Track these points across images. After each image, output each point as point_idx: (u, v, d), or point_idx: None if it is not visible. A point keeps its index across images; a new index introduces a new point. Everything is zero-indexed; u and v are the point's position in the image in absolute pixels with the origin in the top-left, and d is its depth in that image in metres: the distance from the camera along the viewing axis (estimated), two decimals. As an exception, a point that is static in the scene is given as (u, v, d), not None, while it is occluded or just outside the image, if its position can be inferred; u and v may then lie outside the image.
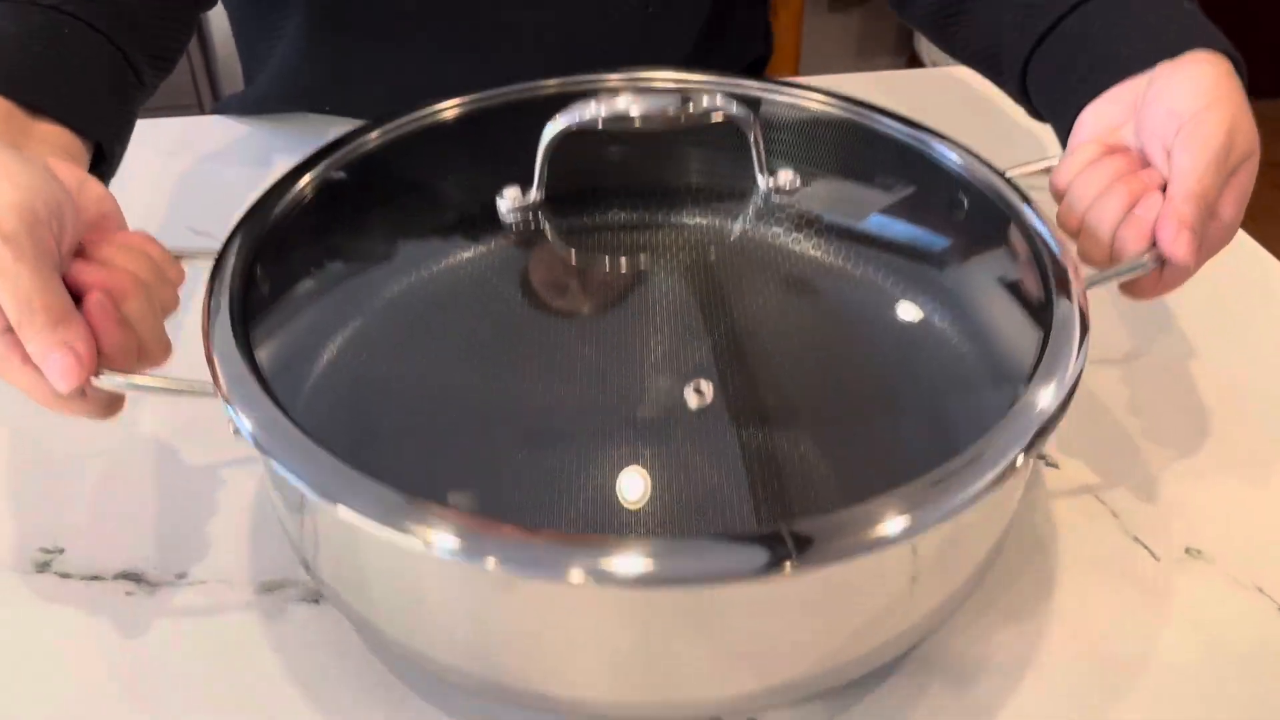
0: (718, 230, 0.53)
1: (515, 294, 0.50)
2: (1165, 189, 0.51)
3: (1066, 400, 0.42)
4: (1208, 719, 0.47)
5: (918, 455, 0.41)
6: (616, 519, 0.41)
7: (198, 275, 0.48)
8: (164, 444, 0.57)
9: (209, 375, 0.43)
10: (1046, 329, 0.45)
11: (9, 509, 0.54)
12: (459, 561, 0.37)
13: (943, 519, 0.38)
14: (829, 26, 2.35)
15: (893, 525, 0.37)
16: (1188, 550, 0.54)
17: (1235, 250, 0.73)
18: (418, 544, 0.37)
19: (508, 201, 0.52)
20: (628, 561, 0.36)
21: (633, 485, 0.42)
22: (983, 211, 0.53)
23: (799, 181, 0.54)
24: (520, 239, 0.52)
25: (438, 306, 0.49)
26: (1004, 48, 0.63)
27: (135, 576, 0.51)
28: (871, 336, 0.50)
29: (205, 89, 1.80)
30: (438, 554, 0.37)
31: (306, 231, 0.52)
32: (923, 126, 0.57)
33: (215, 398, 0.42)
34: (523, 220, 0.52)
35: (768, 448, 0.44)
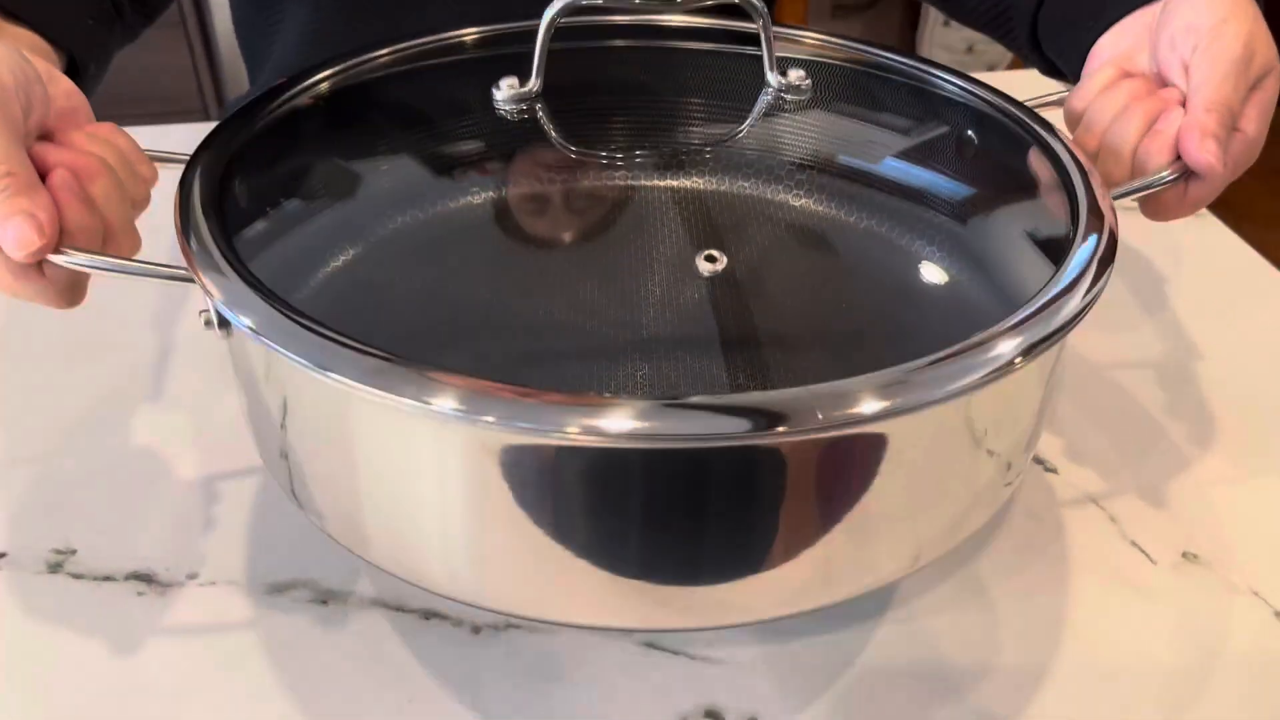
0: (725, 130, 0.51)
1: (512, 196, 0.48)
2: (1185, 105, 0.50)
3: (1090, 302, 0.40)
4: (1205, 724, 0.47)
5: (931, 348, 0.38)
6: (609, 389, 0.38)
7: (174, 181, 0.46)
8: (174, 446, 0.57)
9: (182, 262, 0.40)
10: (1072, 240, 0.43)
11: (22, 511, 0.54)
12: (458, 419, 0.34)
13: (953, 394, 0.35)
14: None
15: (873, 404, 0.34)
16: (1185, 554, 0.53)
17: (1233, 256, 0.76)
18: (416, 404, 0.34)
19: (504, 91, 0.50)
20: (615, 418, 0.33)
21: (629, 379, 0.40)
22: (1000, 137, 0.52)
23: (809, 82, 0.52)
24: (518, 133, 0.50)
25: (428, 214, 0.47)
26: (1013, 3, 0.63)
27: (146, 577, 0.50)
28: (889, 257, 0.47)
29: (210, 95, 1.82)
30: (437, 411, 0.34)
31: (293, 140, 0.50)
32: (930, 61, 0.56)
33: (182, 281, 0.40)
34: (520, 111, 0.50)
35: (763, 352, 0.42)
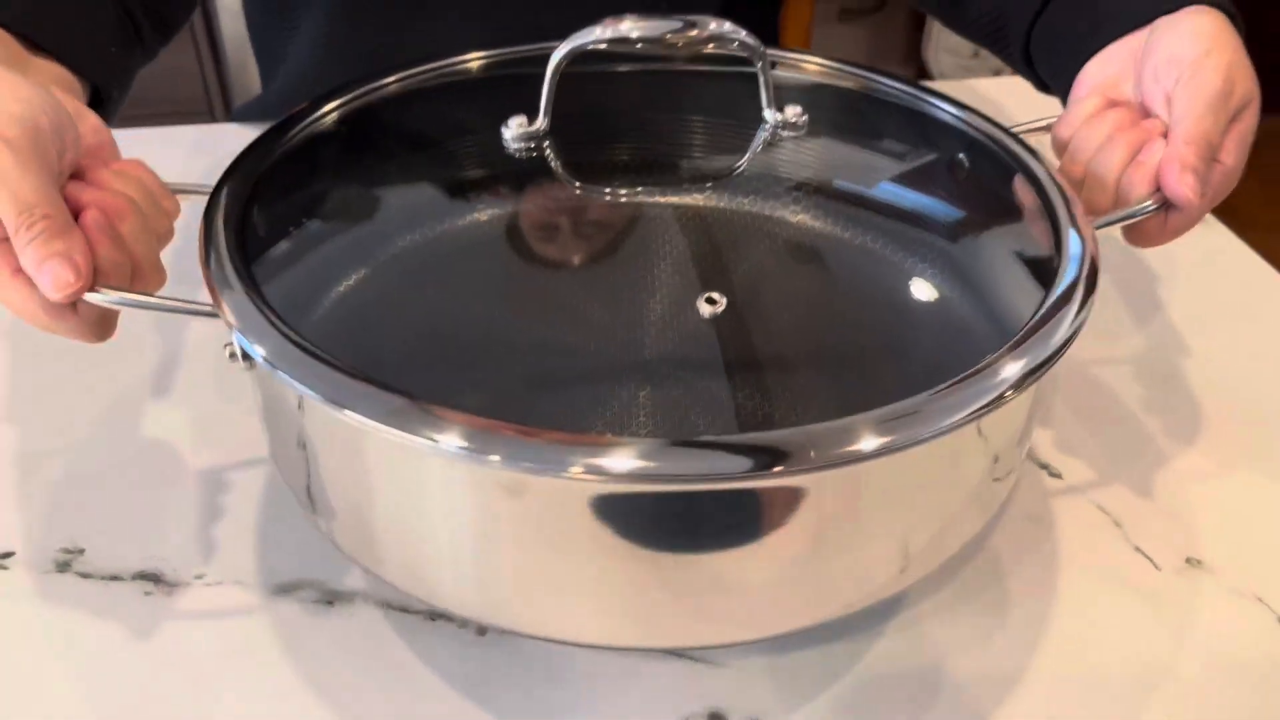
0: (725, 164, 0.53)
1: (520, 227, 0.50)
2: (1167, 136, 0.51)
3: (1071, 337, 0.42)
4: (1208, 730, 0.47)
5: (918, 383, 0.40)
6: (612, 428, 0.40)
7: (196, 213, 0.48)
8: (182, 446, 0.58)
9: (207, 297, 0.42)
10: (1055, 268, 0.45)
11: (31, 510, 0.54)
12: (465, 459, 0.36)
13: (927, 437, 0.37)
14: (838, 37, 2.36)
15: (868, 442, 0.36)
16: (1188, 560, 0.53)
17: (1237, 261, 0.75)
18: (425, 443, 0.36)
19: (513, 130, 0.52)
20: (619, 459, 0.35)
21: (633, 415, 0.41)
22: (990, 165, 0.53)
23: (806, 117, 0.53)
24: (526, 170, 0.52)
25: (439, 242, 0.49)
26: (1009, 18, 0.64)
27: (154, 577, 0.51)
28: (883, 287, 0.49)
29: (217, 98, 1.81)
30: (445, 451, 0.36)
31: (310, 168, 0.52)
32: (924, 87, 0.57)
33: (211, 316, 0.42)
34: (528, 149, 0.52)
35: (769, 387, 0.44)
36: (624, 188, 0.52)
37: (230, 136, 0.84)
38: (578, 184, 0.52)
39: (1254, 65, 0.53)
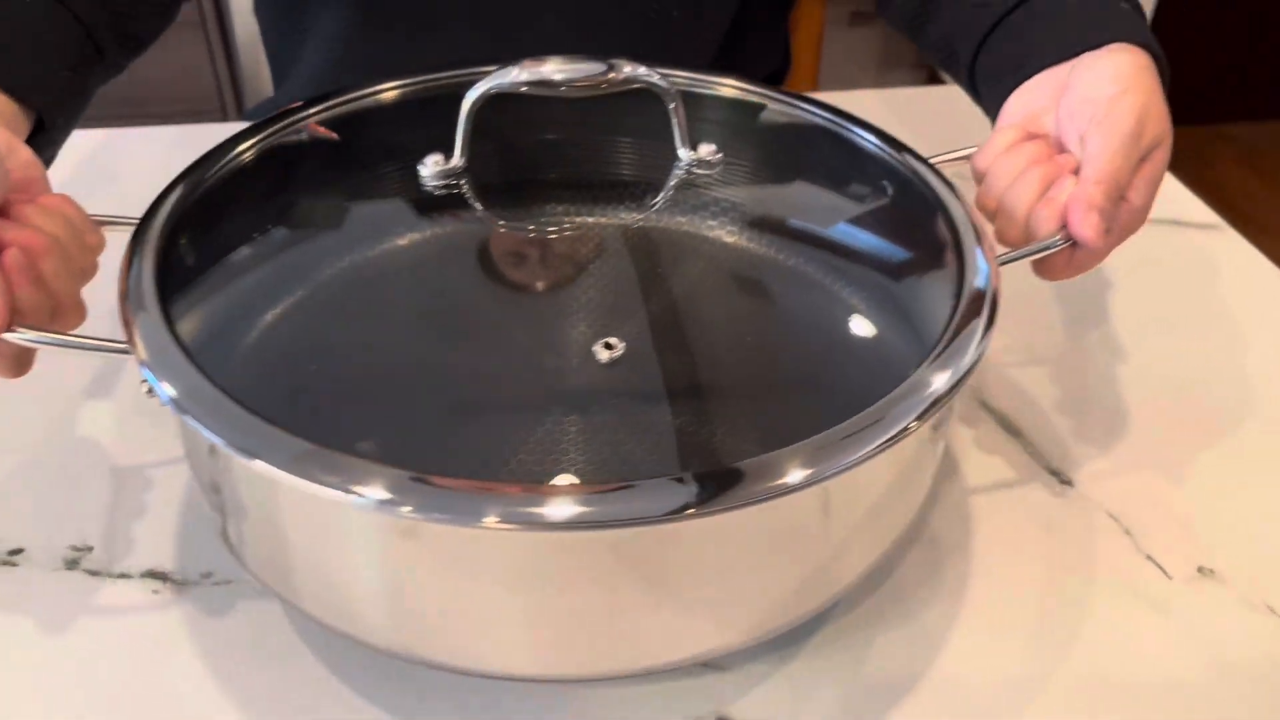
0: (640, 203, 0.54)
1: (438, 262, 0.51)
2: (1078, 174, 0.52)
3: (970, 369, 0.43)
4: (1218, 739, 0.47)
5: (827, 421, 0.41)
6: (537, 476, 0.41)
7: (121, 245, 0.48)
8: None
9: (123, 335, 0.43)
10: (956, 304, 0.46)
11: (41, 506, 0.55)
12: (375, 510, 0.37)
13: (815, 479, 0.38)
14: (849, 41, 2.35)
15: (787, 477, 0.38)
16: (1200, 569, 0.53)
17: (1250, 268, 0.74)
18: (335, 493, 0.37)
19: (429, 168, 0.53)
20: (540, 507, 0.36)
21: (554, 445, 0.42)
22: (905, 195, 0.54)
23: (720, 155, 0.55)
24: (443, 206, 0.53)
25: (360, 277, 0.50)
26: (957, 44, 0.65)
27: (162, 575, 0.51)
28: (792, 313, 0.50)
29: (230, 98, 1.82)
30: (356, 503, 0.37)
31: (232, 203, 0.52)
32: (849, 116, 0.58)
33: (125, 355, 0.43)
34: (445, 187, 0.53)
35: (683, 411, 0.45)
36: (543, 222, 0.53)
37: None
38: (497, 220, 0.53)
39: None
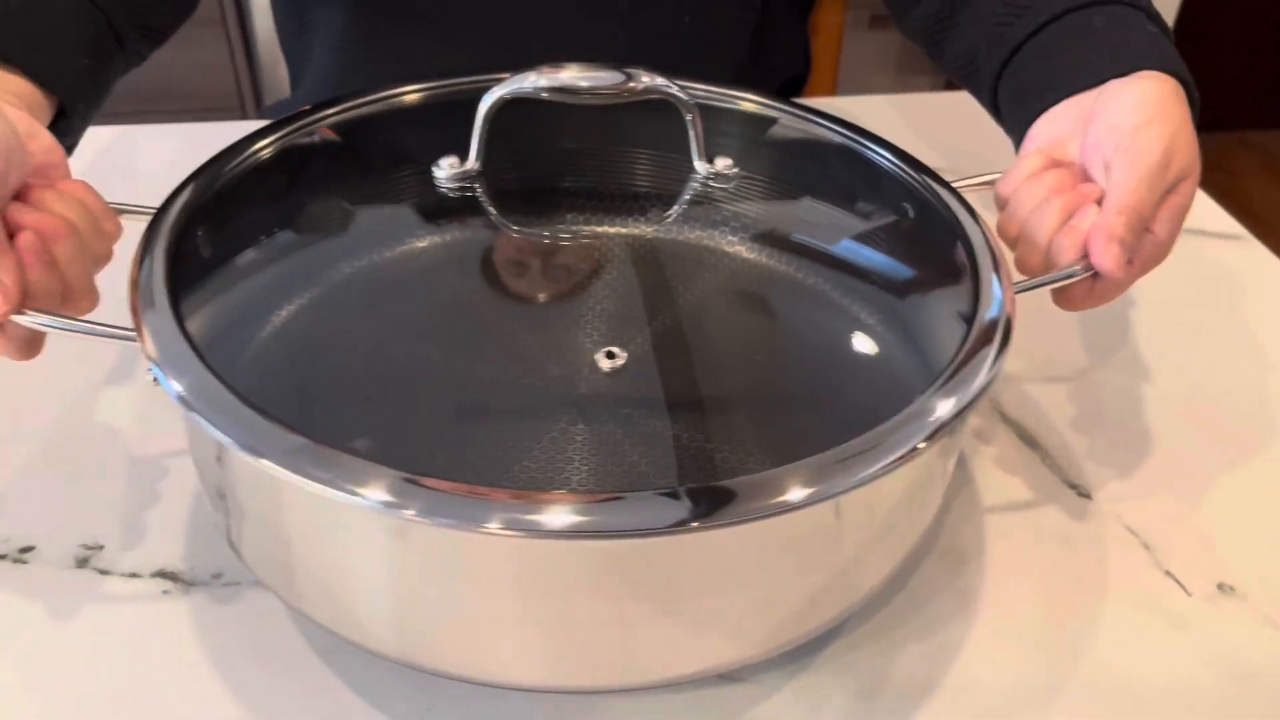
0: (654, 214, 0.54)
1: (449, 265, 0.51)
2: (1101, 203, 0.51)
3: (979, 395, 0.42)
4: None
5: (835, 440, 0.41)
6: (541, 483, 0.41)
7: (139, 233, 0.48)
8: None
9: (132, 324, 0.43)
10: (968, 329, 0.45)
11: (53, 503, 0.55)
12: (380, 512, 0.37)
13: (818, 499, 0.38)
14: (869, 44, 2.34)
15: (789, 494, 0.38)
16: (1220, 586, 0.53)
17: (1272, 278, 0.73)
18: (338, 493, 0.37)
19: (444, 170, 0.53)
20: (545, 514, 0.36)
21: (559, 453, 0.42)
22: (923, 217, 0.54)
23: (737, 170, 0.54)
24: (456, 209, 0.53)
25: (372, 277, 0.50)
26: (980, 65, 0.64)
27: (172, 575, 0.51)
28: (803, 330, 0.50)
29: (249, 95, 1.81)
30: (361, 504, 0.37)
31: (248, 198, 0.52)
32: (869, 134, 0.58)
33: (134, 343, 0.42)
34: (459, 190, 0.53)
35: (690, 424, 0.45)
36: (556, 229, 0.53)
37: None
38: (511, 225, 0.53)
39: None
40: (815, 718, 0.47)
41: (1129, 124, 0.52)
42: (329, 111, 0.56)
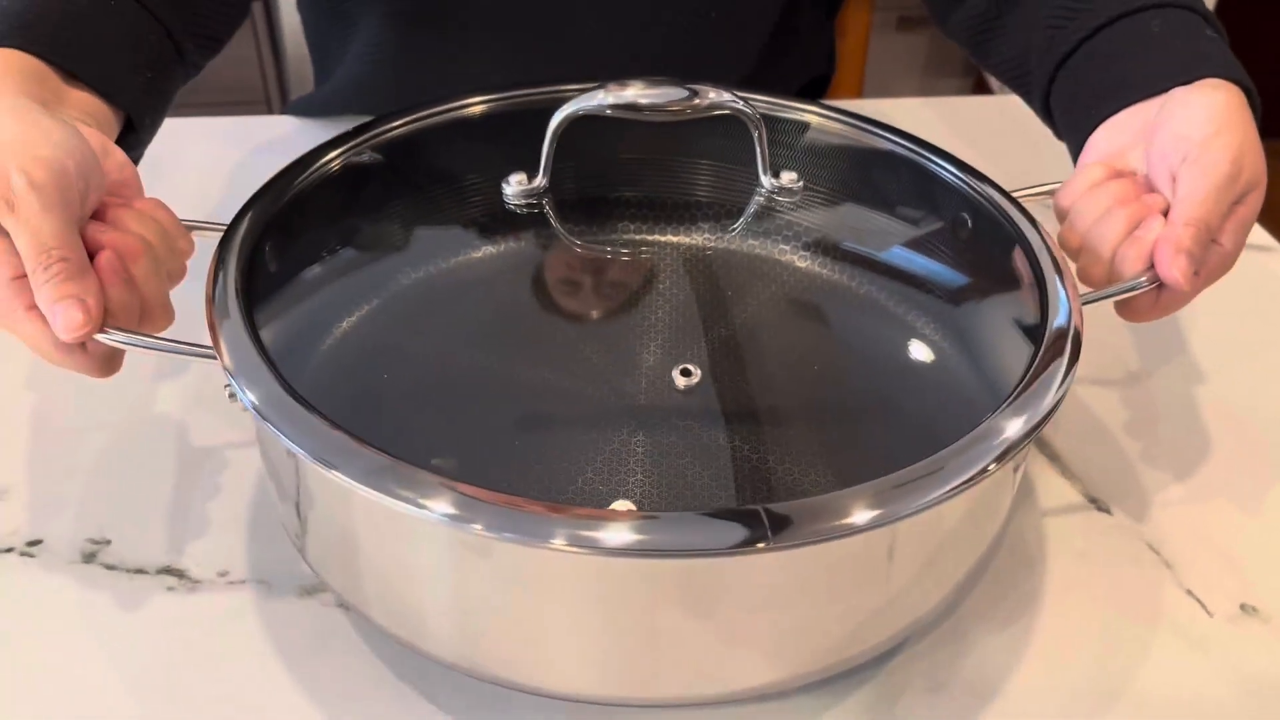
0: (719, 228, 0.54)
1: (517, 279, 0.52)
2: (1168, 214, 0.51)
3: (1049, 414, 0.42)
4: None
5: (900, 457, 0.41)
6: (603, 496, 0.41)
7: (209, 250, 0.49)
8: (211, 444, 0.58)
9: (209, 340, 0.44)
10: (1037, 343, 0.45)
11: (62, 498, 0.55)
12: (448, 526, 0.38)
13: (893, 518, 0.38)
14: (896, 46, 2.34)
15: (855, 516, 0.38)
16: (1243, 607, 0.52)
17: None
18: (409, 508, 0.37)
19: (513, 187, 0.53)
20: (608, 532, 0.37)
21: (621, 466, 0.42)
22: (986, 228, 0.54)
23: (802, 183, 0.54)
24: (524, 224, 0.53)
25: (439, 290, 0.51)
26: (1031, 68, 0.64)
27: (178, 572, 0.52)
28: (866, 344, 0.50)
29: (274, 90, 1.81)
30: (428, 518, 0.37)
31: (317, 212, 0.53)
32: (929, 145, 0.58)
33: (213, 360, 0.43)
34: (528, 206, 0.53)
35: (752, 439, 0.45)
36: (623, 244, 0.53)
37: (283, 129, 0.84)
38: (577, 239, 0.53)
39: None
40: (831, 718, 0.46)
41: (1197, 135, 0.51)
42: (394, 124, 0.57)
